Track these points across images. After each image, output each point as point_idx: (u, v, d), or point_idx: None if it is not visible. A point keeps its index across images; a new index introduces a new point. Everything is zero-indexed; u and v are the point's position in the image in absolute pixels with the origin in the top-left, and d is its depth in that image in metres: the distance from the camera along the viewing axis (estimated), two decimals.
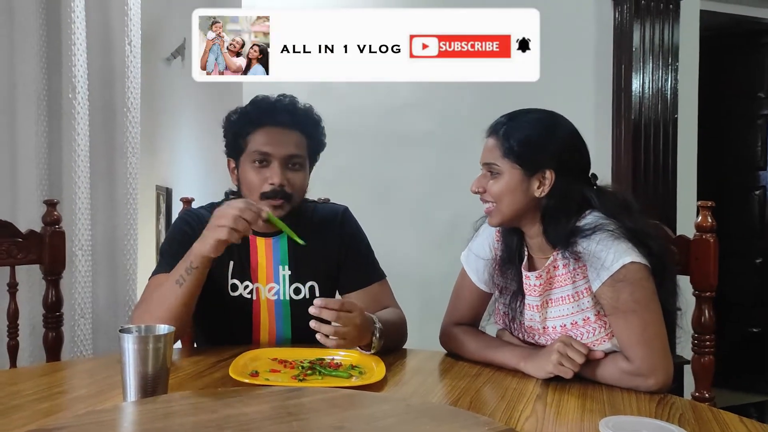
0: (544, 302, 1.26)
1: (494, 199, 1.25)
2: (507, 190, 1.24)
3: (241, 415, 0.83)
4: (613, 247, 1.17)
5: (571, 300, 1.23)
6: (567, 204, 1.24)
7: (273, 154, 1.38)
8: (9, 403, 1.02)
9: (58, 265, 1.72)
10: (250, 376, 1.14)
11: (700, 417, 1.03)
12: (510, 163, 1.24)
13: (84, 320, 1.96)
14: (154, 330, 1.00)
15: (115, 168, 2.01)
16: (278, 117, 1.40)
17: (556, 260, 1.24)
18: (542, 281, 1.25)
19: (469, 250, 1.40)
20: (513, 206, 1.24)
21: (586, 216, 1.23)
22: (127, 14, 1.99)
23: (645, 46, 2.64)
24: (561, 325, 1.23)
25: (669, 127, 2.67)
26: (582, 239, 1.19)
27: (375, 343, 1.27)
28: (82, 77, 1.94)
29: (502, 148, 1.24)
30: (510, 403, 1.08)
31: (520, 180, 1.24)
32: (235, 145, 1.43)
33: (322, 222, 1.50)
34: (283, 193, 1.38)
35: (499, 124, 1.28)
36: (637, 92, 2.63)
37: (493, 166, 1.26)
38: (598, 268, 1.17)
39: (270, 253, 1.44)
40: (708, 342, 1.44)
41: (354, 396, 0.92)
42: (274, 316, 1.43)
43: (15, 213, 1.86)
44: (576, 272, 1.22)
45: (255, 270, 1.43)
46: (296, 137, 1.42)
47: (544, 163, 1.23)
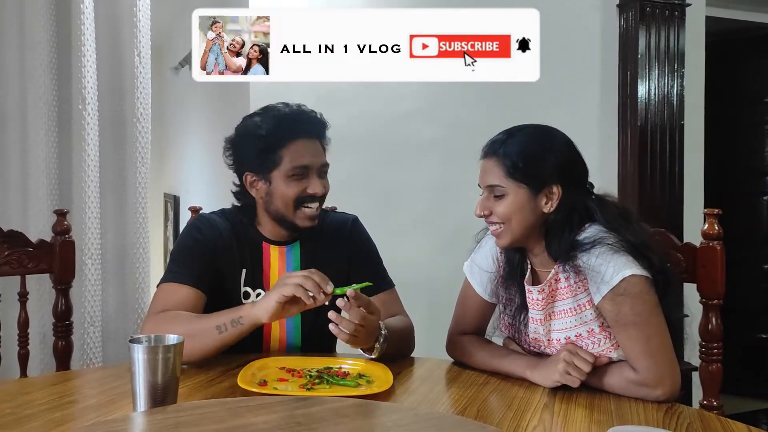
0: (547, 315, 1.26)
1: (502, 220, 1.24)
2: (515, 210, 1.22)
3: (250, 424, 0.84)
4: (613, 260, 1.16)
5: (572, 313, 1.23)
6: (571, 217, 1.23)
7: (311, 166, 1.40)
8: (22, 412, 1.04)
9: (68, 275, 1.73)
10: (258, 385, 1.14)
11: (708, 426, 1.03)
12: (515, 183, 1.22)
13: (93, 328, 1.97)
14: (164, 340, 1.01)
15: (125, 177, 2.03)
16: (309, 128, 1.42)
17: (557, 273, 1.24)
18: (544, 295, 1.25)
19: (472, 262, 1.39)
20: (522, 225, 1.23)
21: (585, 229, 1.23)
22: (136, 26, 2.01)
23: (651, 52, 2.64)
24: (565, 338, 1.24)
25: (675, 133, 2.67)
26: (582, 253, 1.19)
27: (377, 348, 1.28)
28: (91, 88, 1.96)
29: (504, 167, 1.23)
30: (517, 412, 1.08)
31: (527, 199, 1.22)
32: (265, 160, 1.41)
33: (333, 230, 1.51)
34: (321, 199, 1.43)
35: (497, 143, 1.26)
36: (643, 98, 2.63)
37: (497, 188, 1.23)
38: (598, 282, 1.17)
39: (283, 262, 1.46)
40: (716, 350, 1.43)
41: (362, 405, 0.92)
42: (284, 324, 1.44)
43: (26, 223, 1.88)
44: (577, 285, 1.22)
45: (267, 277, 1.45)
46: (319, 145, 1.44)
47: (550, 178, 1.22)
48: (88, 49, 1.94)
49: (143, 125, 2.04)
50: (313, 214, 1.41)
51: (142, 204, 2.04)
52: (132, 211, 2.03)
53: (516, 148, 1.23)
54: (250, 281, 1.43)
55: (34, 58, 1.88)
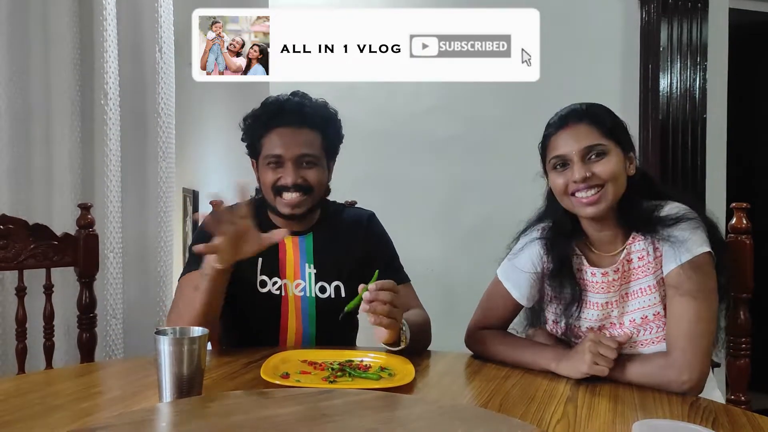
0: (622, 296, 1.25)
1: (607, 179, 1.22)
2: (618, 170, 1.23)
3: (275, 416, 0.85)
4: (696, 234, 1.18)
5: (652, 291, 1.23)
6: (642, 187, 1.27)
7: (284, 156, 1.41)
8: (51, 402, 1.05)
9: (92, 268, 1.76)
10: (281, 378, 1.15)
11: (734, 421, 1.02)
12: (613, 143, 1.24)
13: (116, 321, 2.00)
14: (189, 332, 1.02)
15: (146, 172, 2.05)
16: (287, 118, 1.43)
17: (629, 254, 1.24)
18: (617, 276, 1.25)
19: (512, 266, 1.36)
20: (620, 187, 1.24)
21: (663, 206, 1.24)
22: (157, 21, 2.02)
23: (673, 45, 2.61)
24: (642, 317, 1.23)
25: (697, 127, 2.63)
26: (665, 228, 1.20)
27: (403, 339, 1.28)
28: (114, 84, 1.98)
29: (600, 127, 1.24)
30: (540, 405, 1.08)
31: (623, 159, 1.25)
32: (252, 147, 1.48)
33: (349, 225, 1.52)
34: (300, 186, 1.42)
35: (578, 111, 1.27)
36: (664, 92, 2.60)
37: (597, 147, 1.23)
38: (681, 250, 1.18)
39: (297, 251, 1.47)
40: (744, 345, 1.42)
41: (387, 398, 0.93)
42: (300, 313, 1.45)
43: (50, 216, 1.91)
44: (655, 262, 1.22)
45: (283, 266, 1.46)
46: (307, 135, 1.43)
47: (631, 144, 1.27)
48: (111, 45, 1.96)
49: (165, 120, 2.06)
50: (291, 202, 1.42)
51: (163, 198, 2.06)
52: (153, 205, 2.05)
53: (602, 112, 1.27)
54: (266, 269, 1.45)
55: (58, 55, 1.91)
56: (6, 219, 1.68)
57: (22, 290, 1.69)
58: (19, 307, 1.69)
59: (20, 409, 1.01)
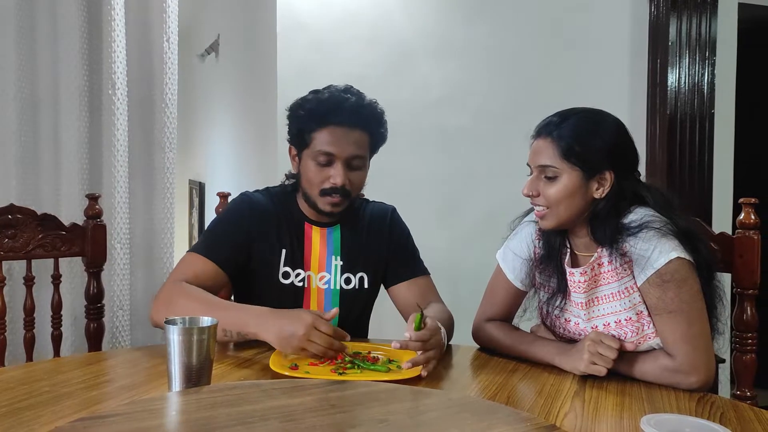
0: (590, 300, 1.25)
1: (550, 203, 1.21)
2: (566, 194, 1.19)
3: (284, 406, 0.85)
4: (660, 243, 1.15)
5: (620, 297, 1.21)
6: (620, 204, 1.21)
7: (336, 155, 1.39)
8: (60, 390, 1.06)
9: (99, 258, 1.76)
10: (290, 368, 1.16)
11: (741, 416, 1.02)
12: (569, 165, 1.19)
13: (122, 311, 2.01)
14: (199, 322, 1.02)
15: (153, 163, 2.05)
16: (343, 116, 1.39)
17: (600, 258, 1.22)
18: (587, 278, 1.24)
19: (506, 248, 1.39)
20: (570, 210, 1.21)
21: (632, 211, 1.21)
22: (165, 11, 2.02)
23: (681, 40, 2.60)
24: (615, 321, 1.22)
25: (705, 122, 2.63)
26: (628, 237, 1.18)
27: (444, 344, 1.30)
28: (121, 74, 1.98)
29: (559, 148, 1.19)
30: (548, 399, 1.08)
31: (579, 183, 1.19)
32: (299, 138, 1.43)
33: (374, 218, 1.53)
34: (343, 190, 1.40)
35: (552, 124, 1.22)
36: (672, 87, 2.59)
37: (549, 169, 1.20)
38: (643, 265, 1.16)
39: (324, 243, 1.47)
40: (750, 340, 1.42)
41: (396, 390, 0.93)
42: (323, 305, 1.45)
43: (58, 207, 1.91)
44: (623, 268, 1.20)
45: (308, 259, 1.46)
46: (359, 136, 1.41)
47: (604, 163, 1.19)
48: (118, 35, 1.96)
49: (170, 110, 2.06)
50: (335, 203, 1.41)
51: (169, 189, 2.07)
52: (160, 195, 2.05)
53: (571, 130, 1.20)
54: (290, 261, 1.44)
55: (66, 45, 1.90)
56: (14, 209, 1.68)
57: (30, 280, 1.70)
58: (28, 297, 1.69)
59: (29, 397, 1.02)
